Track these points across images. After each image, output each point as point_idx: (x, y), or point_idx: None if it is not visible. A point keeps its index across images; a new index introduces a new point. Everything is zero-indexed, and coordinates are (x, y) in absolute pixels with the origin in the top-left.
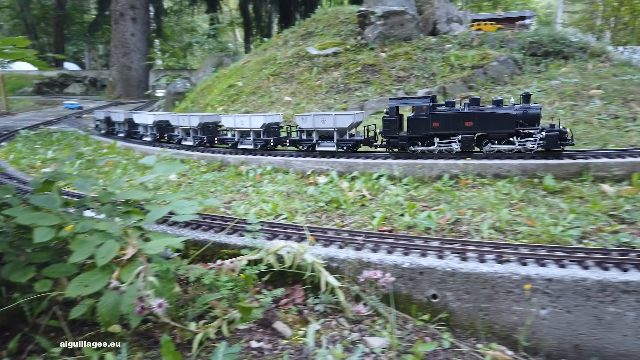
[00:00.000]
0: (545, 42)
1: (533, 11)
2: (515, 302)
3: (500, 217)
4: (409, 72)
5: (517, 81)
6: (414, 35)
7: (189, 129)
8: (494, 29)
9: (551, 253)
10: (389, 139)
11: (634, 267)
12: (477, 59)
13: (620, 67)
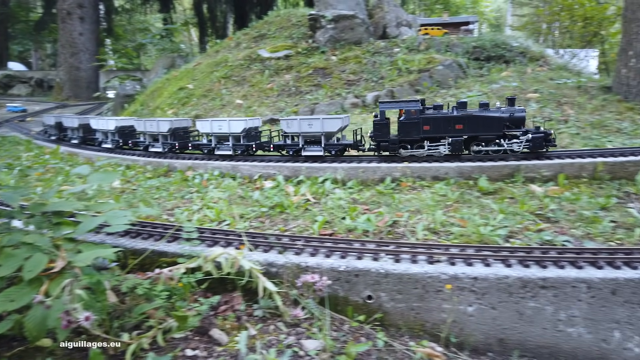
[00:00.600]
0: (488, 46)
1: (477, 16)
2: (445, 301)
3: (435, 219)
4: (359, 75)
5: (461, 85)
6: (364, 39)
7: (158, 134)
8: (441, 33)
9: (478, 252)
10: (379, 142)
11: (552, 264)
12: (423, 63)
13: (557, 70)
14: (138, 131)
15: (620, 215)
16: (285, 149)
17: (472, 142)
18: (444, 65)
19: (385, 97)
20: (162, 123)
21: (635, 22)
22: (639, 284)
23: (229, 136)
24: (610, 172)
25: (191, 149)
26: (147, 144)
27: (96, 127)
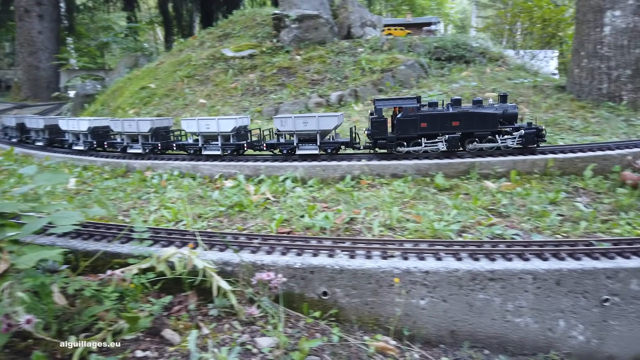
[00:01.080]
0: (449, 47)
1: (439, 17)
2: (398, 295)
3: (391, 215)
4: (323, 75)
5: (423, 84)
6: (328, 39)
7: (138, 135)
8: (404, 34)
9: (431, 247)
10: (377, 140)
11: (501, 257)
12: (386, 63)
13: (515, 70)
14: (115, 132)
15: (568, 209)
16: (279, 148)
17: (467, 138)
18: (406, 65)
19: (348, 96)
20: (142, 123)
21: (586, 24)
22: (582, 274)
23: (218, 135)
24: (561, 168)
25: (175, 149)
26: (125, 145)
27: (66, 128)
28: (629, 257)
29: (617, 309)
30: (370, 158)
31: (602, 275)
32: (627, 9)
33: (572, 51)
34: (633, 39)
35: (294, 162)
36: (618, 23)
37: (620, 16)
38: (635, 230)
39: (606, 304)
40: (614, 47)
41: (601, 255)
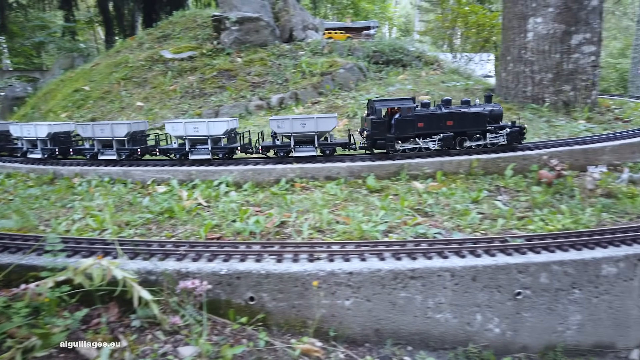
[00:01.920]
0: (387, 51)
1: (378, 22)
2: (323, 297)
3: (321, 218)
4: (263, 77)
5: (361, 87)
6: (269, 42)
7: (112, 140)
8: (344, 37)
9: (357, 248)
10: (377, 140)
11: (422, 256)
12: (326, 66)
13: (449, 74)
14: (83, 137)
15: (488, 207)
16: (275, 150)
17: (458, 137)
18: (345, 69)
19: (289, 99)
20: (118, 127)
21: (512, 30)
22: (496, 270)
23: (208, 139)
24: (484, 168)
25: (158, 153)
26: (95, 152)
27: (19, 134)
28: (539, 252)
29: (528, 301)
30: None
31: (514, 270)
32: (547, 16)
33: (499, 56)
34: (553, 44)
35: (228, 166)
36: (540, 29)
37: (542, 23)
38: (547, 227)
39: (519, 297)
40: (537, 52)
41: (514, 251)
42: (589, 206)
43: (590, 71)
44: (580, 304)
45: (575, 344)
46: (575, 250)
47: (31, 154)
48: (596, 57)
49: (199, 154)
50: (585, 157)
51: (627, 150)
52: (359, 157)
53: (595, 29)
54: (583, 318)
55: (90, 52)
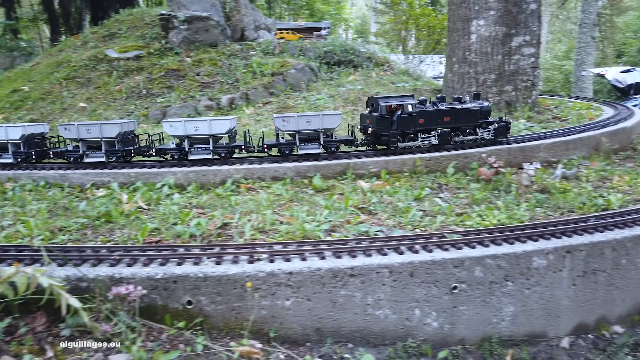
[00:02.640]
0: (338, 52)
1: (330, 22)
2: (263, 298)
3: (265, 218)
4: (213, 77)
5: (313, 88)
6: (220, 41)
7: (101, 140)
8: (296, 38)
9: (299, 248)
10: (381, 137)
11: (362, 253)
12: (277, 67)
13: (399, 75)
14: (66, 138)
15: (430, 204)
16: (280, 148)
17: (453, 132)
18: (296, 69)
19: (239, 99)
20: (108, 127)
21: (456, 32)
22: (432, 265)
23: (209, 138)
24: (427, 166)
25: (155, 154)
26: (80, 154)
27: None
28: (474, 247)
29: (464, 295)
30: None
31: (450, 265)
32: (489, 19)
33: (445, 57)
34: (495, 46)
35: (172, 168)
36: (482, 32)
37: (484, 25)
38: (484, 222)
39: (455, 291)
40: (480, 53)
41: (451, 246)
42: (525, 201)
43: (530, 72)
44: (513, 296)
45: (510, 335)
46: (508, 244)
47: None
48: (535, 59)
49: (198, 153)
50: (523, 154)
51: (562, 148)
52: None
53: (534, 31)
54: (516, 309)
55: (34, 51)
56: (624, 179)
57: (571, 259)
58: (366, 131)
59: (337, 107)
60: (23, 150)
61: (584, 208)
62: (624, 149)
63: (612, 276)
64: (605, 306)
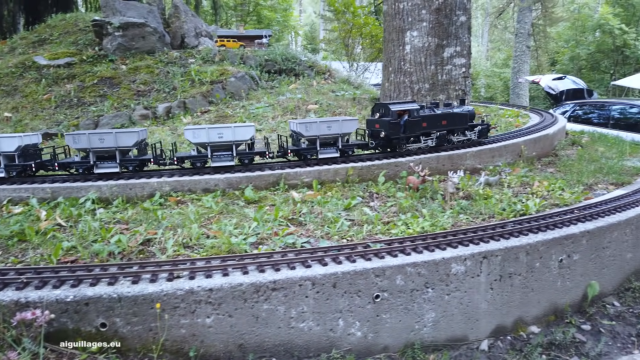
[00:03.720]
0: (279, 60)
1: (271, 30)
2: (182, 316)
3: (190, 233)
4: (150, 86)
5: (253, 96)
6: (157, 49)
7: (115, 150)
8: (237, 45)
9: (222, 263)
10: (393, 139)
11: (286, 266)
12: (216, 75)
13: (340, 83)
14: (75, 148)
15: (358, 214)
16: (302, 153)
17: (448, 134)
18: (236, 77)
19: (177, 108)
20: (124, 135)
21: (392, 42)
22: (355, 275)
23: (232, 145)
24: (360, 176)
25: (176, 162)
26: (91, 164)
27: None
28: (396, 255)
29: (387, 303)
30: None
31: (372, 275)
32: (422, 30)
33: (382, 67)
34: (428, 56)
35: (97, 182)
36: (416, 42)
37: (417, 36)
38: (408, 230)
39: (377, 300)
40: (414, 63)
41: (374, 255)
42: (449, 209)
43: (462, 82)
44: (434, 302)
45: (432, 340)
46: (428, 252)
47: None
48: (466, 69)
49: (220, 160)
50: (451, 162)
51: (488, 155)
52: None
53: (464, 42)
54: (437, 315)
55: None
56: (543, 184)
57: (488, 264)
58: (376, 135)
59: (276, 116)
60: (18, 162)
61: (504, 214)
62: (547, 155)
63: (527, 279)
64: (522, 308)
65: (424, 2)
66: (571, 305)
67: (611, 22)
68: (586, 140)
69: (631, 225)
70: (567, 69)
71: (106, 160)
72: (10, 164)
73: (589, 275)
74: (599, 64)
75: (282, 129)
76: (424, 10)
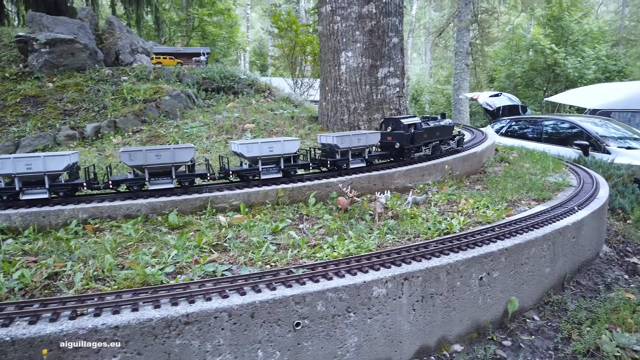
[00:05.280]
0: (217, 78)
1: (209, 48)
2: (85, 357)
3: (103, 264)
4: (78, 104)
5: (188, 115)
6: (88, 66)
7: (172, 166)
8: (174, 63)
9: (133, 297)
10: (405, 149)
11: (202, 297)
12: (150, 93)
13: (280, 102)
14: (130, 165)
15: (285, 237)
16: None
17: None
18: (171, 96)
19: (107, 127)
20: (181, 151)
21: (328, 63)
22: (274, 304)
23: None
24: (290, 197)
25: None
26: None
27: (11, 170)
28: (318, 281)
29: (308, 330)
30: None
31: (292, 302)
32: (356, 51)
33: (319, 86)
34: (363, 76)
35: (7, 210)
36: (351, 63)
37: (352, 57)
38: (333, 253)
39: (298, 328)
40: (350, 83)
41: (295, 281)
42: (377, 229)
43: (396, 101)
44: (356, 327)
45: None
46: (350, 276)
47: (27, 195)
48: (400, 89)
49: (269, 173)
50: (382, 182)
51: (418, 174)
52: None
53: (397, 63)
54: (360, 339)
55: None
56: (469, 202)
57: (409, 285)
58: (388, 146)
59: (211, 135)
60: (65, 182)
61: (429, 233)
62: (476, 172)
63: (448, 298)
64: (445, 327)
65: (357, 23)
66: (492, 321)
67: (542, 42)
68: (514, 157)
69: (548, 241)
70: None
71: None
72: (56, 184)
73: (509, 291)
74: (533, 81)
75: (216, 150)
76: (358, 31)
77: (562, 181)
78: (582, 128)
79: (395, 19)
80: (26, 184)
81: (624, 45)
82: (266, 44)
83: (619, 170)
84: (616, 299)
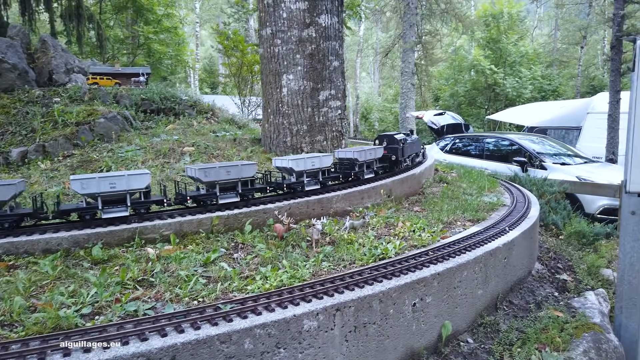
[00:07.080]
0: (157, 99)
1: (149, 68)
2: None
3: (12, 307)
4: (4, 128)
5: (124, 139)
6: (17, 86)
7: (238, 181)
8: (111, 83)
9: (41, 345)
10: (399, 161)
11: (118, 341)
12: (83, 115)
13: (223, 123)
14: (204, 182)
15: (217, 269)
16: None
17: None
18: (106, 118)
19: (34, 152)
20: (246, 167)
21: (269, 85)
22: (197, 345)
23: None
24: (226, 225)
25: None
26: (217, 195)
27: (95, 190)
28: (246, 317)
29: None
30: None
31: (216, 342)
32: (297, 74)
33: (262, 108)
34: (305, 99)
35: (69, 231)
36: (292, 85)
37: (293, 80)
38: (265, 285)
39: None
40: (292, 106)
41: (222, 319)
42: (313, 257)
43: (338, 123)
44: None
45: None
46: (281, 309)
47: (107, 214)
48: (342, 111)
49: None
50: (321, 206)
51: (357, 197)
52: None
53: (338, 86)
54: None
55: None
56: (407, 224)
57: (341, 316)
58: (385, 159)
59: (147, 159)
60: (144, 200)
61: (364, 259)
62: (415, 194)
63: (382, 327)
64: (379, 356)
65: (298, 47)
66: (427, 347)
67: (483, 63)
68: (452, 177)
69: (480, 263)
70: (449, 105)
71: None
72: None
73: (443, 315)
74: (475, 100)
75: (154, 175)
76: (298, 55)
77: (496, 201)
78: (521, 145)
79: (335, 43)
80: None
81: (557, 66)
82: (217, 61)
83: (551, 188)
84: (545, 318)
